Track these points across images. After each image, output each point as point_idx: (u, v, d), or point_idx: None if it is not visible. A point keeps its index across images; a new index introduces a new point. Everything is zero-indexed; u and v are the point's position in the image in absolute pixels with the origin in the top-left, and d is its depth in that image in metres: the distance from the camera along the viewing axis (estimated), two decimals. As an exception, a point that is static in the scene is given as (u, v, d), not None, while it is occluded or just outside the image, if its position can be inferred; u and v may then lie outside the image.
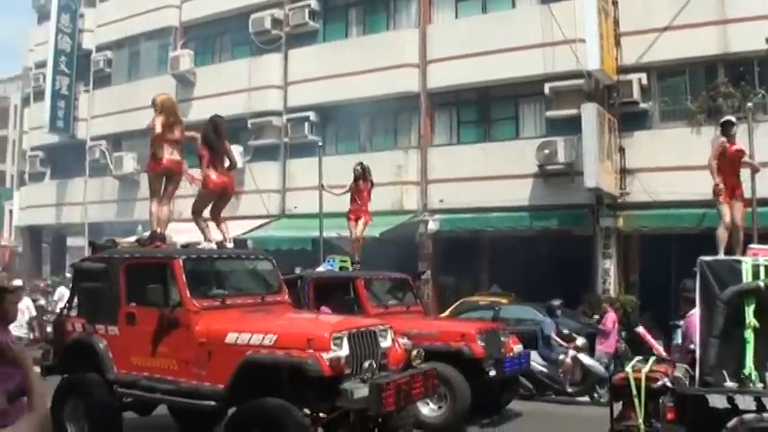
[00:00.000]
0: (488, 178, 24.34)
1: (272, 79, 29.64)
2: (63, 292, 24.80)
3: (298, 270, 14.63)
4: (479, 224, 24.30)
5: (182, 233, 11.95)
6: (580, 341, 16.69)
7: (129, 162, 33.51)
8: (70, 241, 41.81)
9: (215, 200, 11.78)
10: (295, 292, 12.71)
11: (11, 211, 45.27)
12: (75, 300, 11.45)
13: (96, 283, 10.71)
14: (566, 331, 17.14)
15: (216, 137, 11.63)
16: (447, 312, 22.01)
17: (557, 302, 17.92)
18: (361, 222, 17.10)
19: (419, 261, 25.46)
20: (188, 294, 9.70)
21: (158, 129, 11.24)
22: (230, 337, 9.25)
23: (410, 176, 26.14)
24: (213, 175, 11.51)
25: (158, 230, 11.38)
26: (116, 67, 36.37)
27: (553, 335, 16.69)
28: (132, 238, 13.61)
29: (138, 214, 31.31)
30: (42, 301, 22.73)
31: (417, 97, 26.55)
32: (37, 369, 9.26)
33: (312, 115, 28.45)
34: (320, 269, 15.47)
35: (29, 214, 40.27)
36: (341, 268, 15.53)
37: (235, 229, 19.19)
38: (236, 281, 10.94)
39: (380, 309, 13.40)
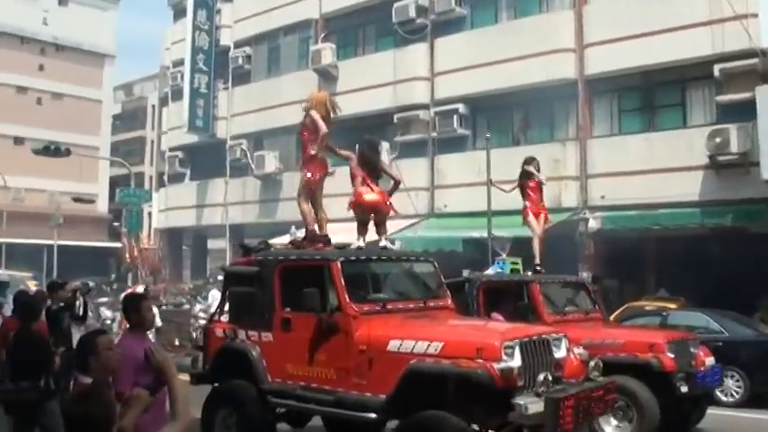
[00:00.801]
0: (653, 171, 23.71)
1: (418, 71, 29.62)
2: (216, 296, 25.42)
3: (465, 273, 14.34)
4: (644, 222, 23.69)
5: (334, 234, 11.87)
6: None
7: (271, 161, 34.05)
8: (211, 244, 43.14)
9: (369, 217, 11.59)
10: (462, 297, 12.45)
11: (149, 214, 46.73)
12: (226, 305, 11.52)
13: (249, 287, 10.73)
14: None
15: (373, 157, 11.51)
16: (611, 318, 21.45)
17: None
18: (541, 219, 16.42)
19: (579, 262, 25.06)
20: (347, 298, 9.61)
21: (325, 128, 11.21)
22: (393, 345, 9.11)
23: (568, 171, 25.69)
24: (366, 195, 11.30)
25: (315, 230, 11.29)
26: (255, 63, 37.06)
27: None
28: (285, 239, 13.77)
29: (281, 215, 31.90)
30: (187, 306, 23.25)
31: (574, 85, 26.06)
32: (185, 377, 9.47)
33: (461, 107, 28.28)
34: (489, 272, 15.10)
35: (168, 216, 41.53)
36: (512, 271, 15.14)
37: (348, 230, 19.19)
38: (396, 284, 10.83)
39: (557, 316, 12.99)
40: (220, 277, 30.43)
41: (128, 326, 6.84)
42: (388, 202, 11.46)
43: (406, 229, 27.80)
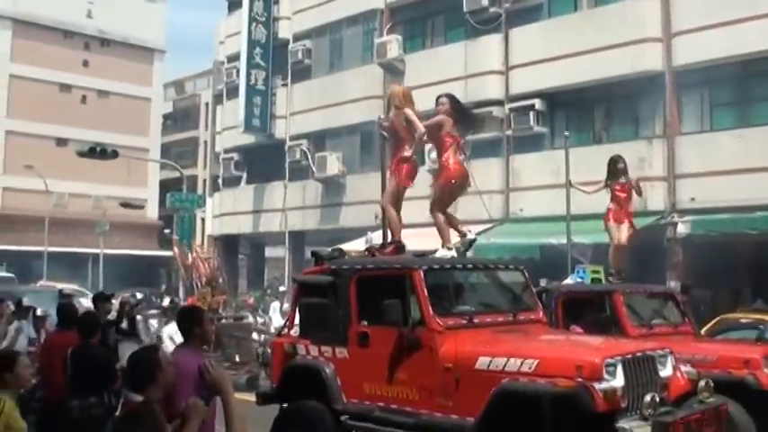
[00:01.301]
0: (748, 171, 23.33)
1: (491, 64, 29.46)
2: (276, 308, 25.42)
3: (543, 282, 14.17)
4: (739, 226, 23.31)
5: (407, 239, 11.79)
6: None
7: (334, 163, 34.17)
8: (269, 251, 43.29)
9: (458, 197, 11.64)
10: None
11: (203, 220, 47.00)
12: (297, 318, 11.43)
13: (321, 298, 10.64)
14: None
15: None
16: (702, 332, 21.14)
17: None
18: (624, 227, 16.28)
19: (667, 271, 24.82)
20: (431, 311, 9.48)
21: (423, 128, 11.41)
22: (482, 362, 8.95)
23: (655, 171, 25.38)
24: (453, 163, 11.44)
25: (401, 239, 11.26)
26: (316, 57, 37.18)
27: None
28: (358, 246, 13.83)
29: (344, 221, 32.11)
30: (249, 320, 23.31)
31: (661, 77, 25.77)
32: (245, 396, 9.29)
33: (538, 103, 28.09)
34: (568, 281, 14.90)
35: (223, 223, 41.89)
36: (593, 280, 14.93)
37: (425, 236, 19.30)
38: (484, 295, 10.66)
39: (643, 329, 12.62)
40: (282, 288, 30.97)
41: (183, 340, 6.82)
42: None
43: (480, 235, 27.69)
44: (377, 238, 11.99)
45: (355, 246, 22.21)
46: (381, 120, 12.68)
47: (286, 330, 11.59)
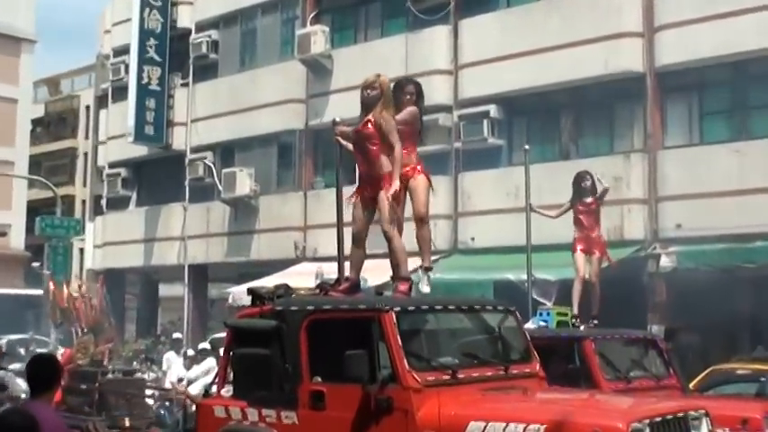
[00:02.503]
0: (746, 192, 23.52)
1: (436, 62, 29.37)
2: (173, 361, 24.84)
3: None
4: (735, 258, 23.54)
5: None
6: None
7: (245, 181, 33.88)
8: (164, 290, 42.54)
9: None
10: None
11: (81, 250, 46.14)
12: (229, 373, 11.11)
13: (263, 348, 10.28)
14: None
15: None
16: (691, 386, 21.21)
17: None
18: (595, 259, 16.44)
19: (648, 312, 24.92)
20: (405, 364, 9.22)
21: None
22: (473, 428, 8.75)
23: (633, 192, 25.52)
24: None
25: (408, 275, 11.07)
26: (224, 51, 37.06)
27: None
28: (301, 280, 14.17)
29: (258, 252, 31.90)
30: (146, 375, 22.77)
31: (642, 79, 25.91)
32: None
33: (493, 110, 28.01)
34: (529, 326, 14.76)
35: (107, 253, 41.19)
36: (559, 324, 15.02)
37: (384, 270, 19.09)
38: (470, 344, 10.45)
39: (619, 383, 12.89)
40: (177, 335, 30.50)
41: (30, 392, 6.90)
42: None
43: (420, 270, 27.45)
44: (331, 271, 11.53)
45: (273, 282, 22.05)
46: (340, 122, 12.14)
47: (215, 389, 11.20)
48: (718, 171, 24.14)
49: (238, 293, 27.80)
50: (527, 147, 22.99)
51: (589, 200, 16.48)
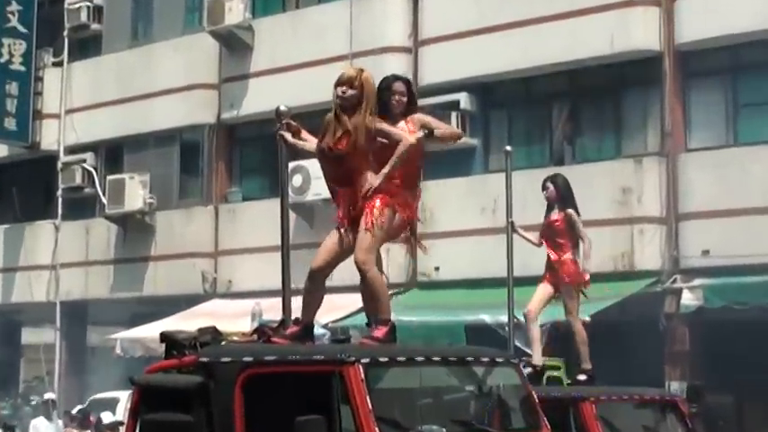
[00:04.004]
0: None
1: (390, 37, 29.62)
2: (39, 428, 24.80)
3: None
4: None
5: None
6: None
7: (137, 191, 33.75)
8: (28, 335, 42.64)
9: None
10: None
11: None
12: None
13: (182, 413, 10.15)
14: None
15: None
16: None
17: None
18: (566, 290, 16.36)
19: (666, 365, 25.11)
20: None
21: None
22: None
23: (647, 208, 25.78)
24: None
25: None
26: (110, 20, 36.93)
27: None
28: (186, 324, 13.45)
29: (154, 285, 31.61)
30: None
31: (658, 61, 26.17)
32: None
33: (464, 99, 28.08)
34: None
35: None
36: (549, 381, 15.37)
37: (331, 310, 19.25)
38: (460, 407, 10.53)
39: None
40: (49, 395, 30.33)
41: None
42: None
43: (362, 312, 27.49)
44: (272, 310, 11.46)
45: (174, 324, 22.07)
46: (286, 113, 11.97)
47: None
48: (757, 180, 24.44)
49: (129, 341, 27.76)
50: (508, 148, 23.02)
51: (554, 216, 16.56)
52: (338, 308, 22.75)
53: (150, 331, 27.02)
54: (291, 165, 23.20)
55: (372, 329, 10.94)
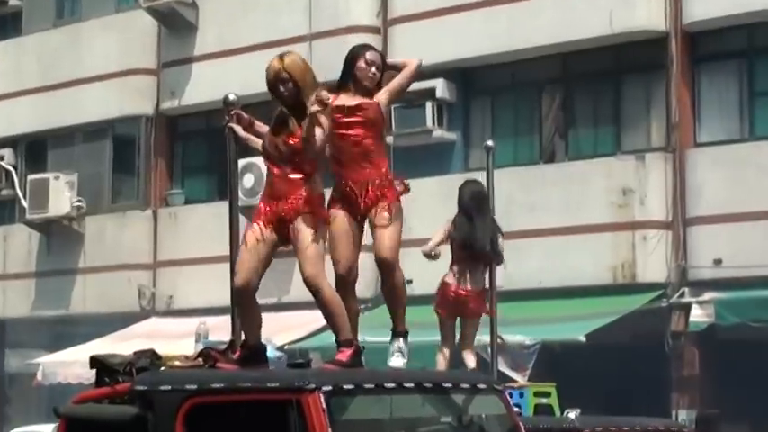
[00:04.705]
0: None
1: (355, 14, 29.84)
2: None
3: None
4: None
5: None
6: None
7: (62, 193, 33.65)
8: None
9: None
10: None
11: None
12: None
13: None
14: None
15: None
16: None
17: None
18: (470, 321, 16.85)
19: (673, 391, 25.09)
20: None
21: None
22: None
23: (650, 211, 25.85)
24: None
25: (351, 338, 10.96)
26: None
27: None
28: (120, 347, 13.31)
29: (83, 301, 31.43)
30: None
31: (663, 43, 26.27)
32: None
33: (440, 87, 28.28)
34: None
35: None
36: (537, 409, 15.83)
37: (287, 329, 19.28)
38: None
39: None
40: None
41: None
42: None
43: (324, 332, 27.41)
44: (219, 330, 11.28)
45: (108, 346, 22.04)
46: (235, 102, 11.79)
47: None
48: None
49: (53, 366, 27.60)
50: (490, 143, 23.02)
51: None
52: (295, 327, 22.72)
53: (78, 355, 26.89)
54: (242, 162, 23.15)
55: (336, 353, 10.84)
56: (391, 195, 11.06)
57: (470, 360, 16.76)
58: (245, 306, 11.04)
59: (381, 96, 11.23)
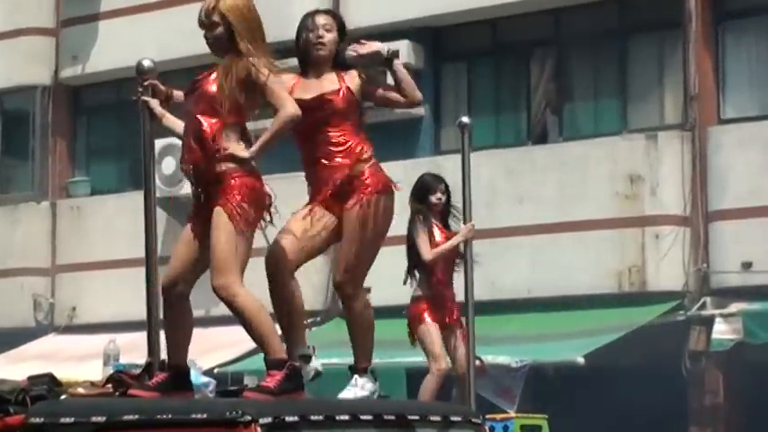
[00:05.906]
0: None
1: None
2: None
3: None
4: None
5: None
6: None
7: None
8: None
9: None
10: None
11: None
12: None
13: None
14: None
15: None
16: None
17: None
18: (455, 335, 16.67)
19: (689, 421, 25.35)
20: None
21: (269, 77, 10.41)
22: None
23: (664, 204, 26.07)
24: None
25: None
26: None
27: None
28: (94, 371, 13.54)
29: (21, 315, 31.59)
30: None
31: (676, 4, 26.31)
32: None
33: (404, 50, 27.77)
34: None
35: None
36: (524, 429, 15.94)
37: (217, 348, 19.54)
38: None
39: None
40: None
41: None
42: None
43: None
44: (133, 350, 11.39)
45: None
46: (151, 70, 11.85)
47: None
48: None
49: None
50: (466, 119, 23.21)
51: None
52: (227, 345, 22.79)
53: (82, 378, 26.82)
54: (159, 144, 23.11)
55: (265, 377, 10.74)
56: (369, 187, 10.79)
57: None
58: (169, 314, 10.94)
59: (355, 80, 10.90)
